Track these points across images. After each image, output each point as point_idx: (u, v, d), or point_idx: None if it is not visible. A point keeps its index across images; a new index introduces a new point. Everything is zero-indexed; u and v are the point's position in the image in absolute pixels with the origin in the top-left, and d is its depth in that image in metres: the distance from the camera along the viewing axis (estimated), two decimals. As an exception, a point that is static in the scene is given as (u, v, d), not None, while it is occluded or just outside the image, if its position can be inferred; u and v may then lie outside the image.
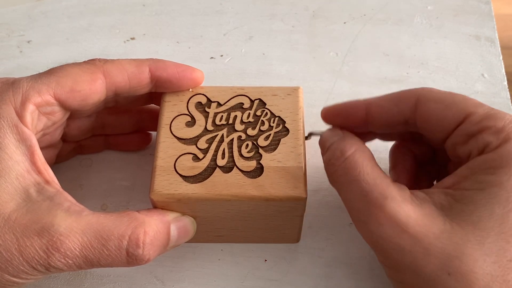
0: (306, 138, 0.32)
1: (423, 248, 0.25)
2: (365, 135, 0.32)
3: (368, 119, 0.30)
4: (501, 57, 0.44)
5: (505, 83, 0.42)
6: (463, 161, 0.27)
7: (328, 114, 0.31)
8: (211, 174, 0.29)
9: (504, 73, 0.43)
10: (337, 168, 0.28)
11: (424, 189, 0.27)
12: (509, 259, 0.24)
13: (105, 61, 0.31)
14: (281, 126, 0.31)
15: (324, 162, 0.30)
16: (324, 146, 0.30)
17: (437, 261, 0.24)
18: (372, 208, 0.26)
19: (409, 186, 0.29)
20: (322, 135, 0.31)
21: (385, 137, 0.34)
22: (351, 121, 0.30)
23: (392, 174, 0.33)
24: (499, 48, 0.45)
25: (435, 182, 0.33)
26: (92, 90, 0.30)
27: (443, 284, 0.24)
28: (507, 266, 0.24)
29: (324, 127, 0.33)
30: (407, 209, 0.26)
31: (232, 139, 0.31)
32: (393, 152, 0.34)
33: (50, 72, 0.30)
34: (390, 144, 0.35)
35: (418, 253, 0.25)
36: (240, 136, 0.31)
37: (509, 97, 0.41)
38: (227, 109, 0.32)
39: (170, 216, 0.29)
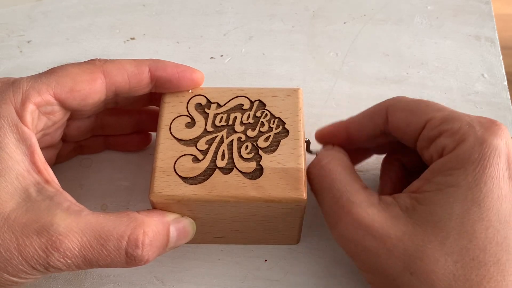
0: (308, 149, 0.33)
1: (386, 249, 0.26)
2: (363, 152, 0.35)
3: (349, 136, 0.32)
4: (501, 57, 0.44)
5: (505, 83, 0.42)
6: (429, 165, 0.28)
7: (319, 136, 0.33)
8: (211, 176, 0.29)
9: (504, 73, 0.43)
10: (313, 177, 0.30)
11: (394, 194, 0.28)
12: (472, 258, 0.24)
13: (105, 61, 0.31)
14: (281, 127, 0.31)
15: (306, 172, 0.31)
16: None
17: (400, 262, 0.25)
18: (340, 213, 0.28)
19: (395, 194, 0.30)
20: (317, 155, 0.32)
21: (378, 150, 0.35)
22: (337, 141, 0.32)
23: (379, 183, 0.34)
24: (499, 48, 0.45)
25: None
26: (92, 90, 0.30)
27: (406, 284, 0.25)
28: (470, 265, 0.24)
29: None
30: (372, 212, 0.27)
31: (232, 140, 0.31)
32: (383, 162, 0.35)
33: (50, 72, 0.30)
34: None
35: (382, 254, 0.26)
36: (240, 137, 0.31)
37: (509, 97, 0.41)
38: (227, 110, 0.32)
39: (170, 217, 0.29)
